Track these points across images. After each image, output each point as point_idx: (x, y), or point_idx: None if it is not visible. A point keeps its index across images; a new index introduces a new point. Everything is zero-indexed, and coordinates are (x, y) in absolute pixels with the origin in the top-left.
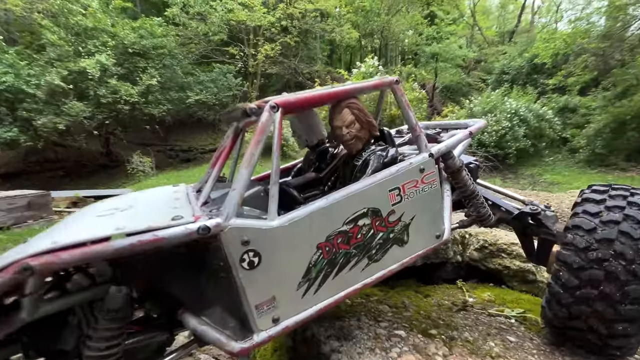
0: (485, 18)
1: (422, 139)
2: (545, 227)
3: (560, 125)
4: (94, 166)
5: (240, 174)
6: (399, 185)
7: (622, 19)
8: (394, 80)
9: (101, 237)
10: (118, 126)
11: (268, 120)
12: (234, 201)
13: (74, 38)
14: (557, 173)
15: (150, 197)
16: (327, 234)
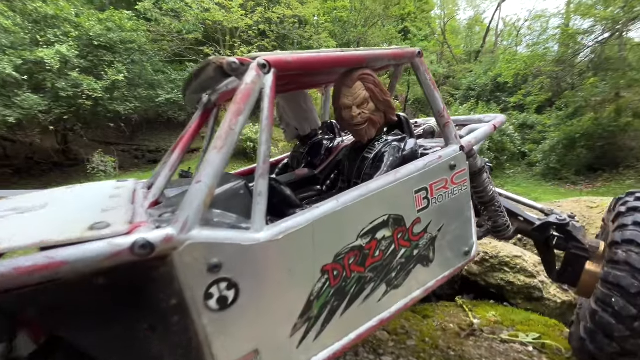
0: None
1: (451, 127)
2: (575, 240)
3: (520, 141)
4: (48, 164)
5: (209, 160)
6: (426, 185)
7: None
8: (417, 52)
9: None
10: (78, 122)
11: (255, 82)
12: (197, 201)
13: (31, 25)
14: (517, 185)
15: (79, 194)
16: (336, 251)
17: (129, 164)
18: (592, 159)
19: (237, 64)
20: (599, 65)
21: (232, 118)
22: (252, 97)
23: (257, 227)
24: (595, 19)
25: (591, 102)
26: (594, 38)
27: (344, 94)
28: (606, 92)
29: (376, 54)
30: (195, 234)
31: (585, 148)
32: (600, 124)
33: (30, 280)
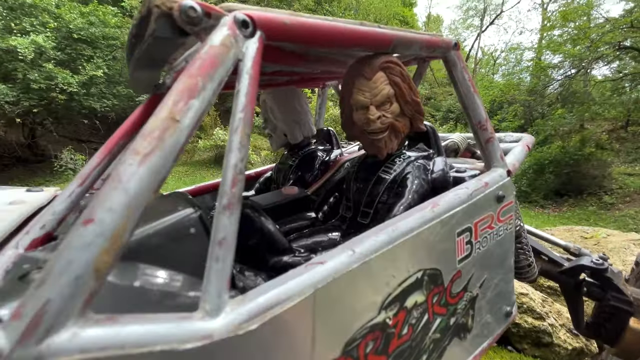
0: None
1: (496, 144)
2: (616, 290)
3: None
4: (10, 158)
5: (119, 176)
6: (470, 225)
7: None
8: (453, 43)
9: None
10: (49, 116)
11: (227, 46)
12: (72, 274)
13: (5, 12)
14: None
15: None
16: (347, 337)
17: None
18: (559, 184)
19: (199, 13)
20: (567, 97)
21: (178, 100)
22: (220, 69)
23: (210, 306)
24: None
25: (559, 131)
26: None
27: (359, 88)
28: (572, 123)
29: (407, 37)
30: (65, 339)
31: (553, 174)
32: (567, 152)
33: None
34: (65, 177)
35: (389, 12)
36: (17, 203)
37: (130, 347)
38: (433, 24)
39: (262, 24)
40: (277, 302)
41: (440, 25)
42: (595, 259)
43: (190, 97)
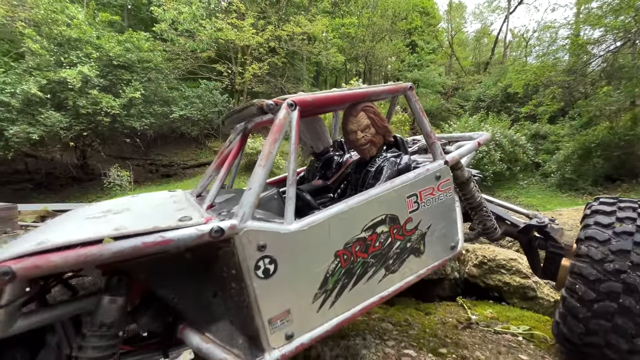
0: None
1: (437, 146)
2: (552, 240)
3: (532, 151)
4: (66, 179)
5: (256, 173)
6: (416, 192)
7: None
8: (408, 87)
9: (97, 237)
10: (96, 138)
11: (285, 117)
12: (250, 201)
13: (56, 48)
14: (532, 196)
15: (147, 201)
16: (345, 240)
17: (143, 178)
18: (610, 168)
19: (273, 105)
20: (612, 74)
21: (271, 144)
22: (284, 128)
23: (289, 221)
24: (605, 28)
25: (605, 111)
26: (605, 47)
27: (350, 121)
28: (621, 101)
29: (375, 91)
30: (250, 224)
31: (602, 158)
32: (616, 133)
33: (151, 250)
34: (113, 192)
35: (408, 5)
36: (176, 196)
37: (264, 228)
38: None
39: (299, 103)
40: (313, 221)
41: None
42: (539, 220)
43: (274, 143)
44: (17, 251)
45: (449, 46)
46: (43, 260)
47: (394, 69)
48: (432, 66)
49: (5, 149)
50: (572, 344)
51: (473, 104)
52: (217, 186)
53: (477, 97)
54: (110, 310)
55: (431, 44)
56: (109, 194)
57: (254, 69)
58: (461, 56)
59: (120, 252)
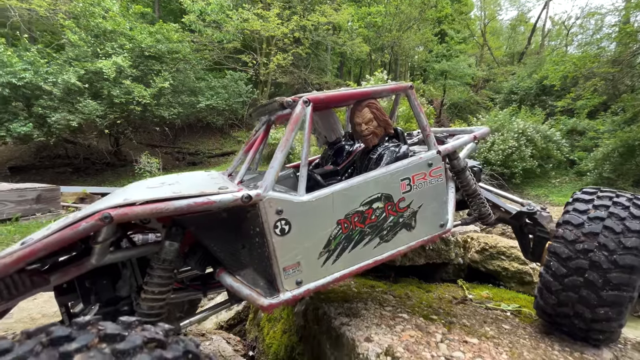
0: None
1: (431, 137)
2: (540, 225)
3: (567, 147)
4: (101, 164)
5: (276, 156)
6: (409, 176)
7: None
8: (408, 86)
9: (164, 197)
10: (129, 126)
11: (301, 112)
12: (271, 177)
13: (93, 39)
14: (564, 195)
15: (191, 177)
16: (346, 212)
17: (170, 165)
18: None
19: (291, 101)
20: None
21: (289, 134)
22: (299, 121)
23: (301, 193)
24: None
25: None
26: None
27: (356, 115)
28: None
29: (379, 90)
30: (271, 194)
31: None
32: None
33: (200, 208)
34: (144, 178)
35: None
36: (213, 174)
37: (282, 198)
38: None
39: (312, 100)
40: (320, 195)
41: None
42: (529, 207)
43: (291, 132)
44: (111, 204)
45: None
46: (129, 210)
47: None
48: (462, 56)
49: (48, 134)
50: (548, 315)
51: (504, 96)
52: (245, 167)
53: (509, 90)
54: (170, 251)
55: (462, 33)
56: (140, 179)
57: (278, 60)
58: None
59: (180, 208)
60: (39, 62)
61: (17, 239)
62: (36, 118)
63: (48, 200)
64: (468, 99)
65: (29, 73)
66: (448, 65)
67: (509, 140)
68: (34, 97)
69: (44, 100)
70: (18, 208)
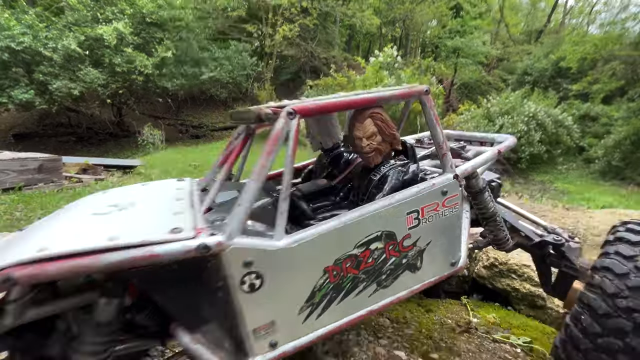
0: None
1: (448, 158)
2: (567, 260)
3: (578, 133)
4: (104, 134)
5: (248, 188)
6: (418, 208)
7: None
8: (424, 90)
9: (92, 248)
10: (131, 97)
11: (283, 128)
12: (238, 218)
13: (92, 3)
14: (569, 182)
15: (152, 194)
16: (336, 257)
17: (174, 138)
18: None
19: (271, 114)
20: None
21: (265, 157)
22: (281, 139)
23: (278, 236)
24: None
25: None
26: None
27: (356, 127)
28: None
29: (386, 95)
30: (236, 241)
31: None
32: None
33: (140, 263)
34: (146, 150)
35: None
36: (181, 189)
37: (251, 246)
38: None
39: (299, 111)
40: (303, 238)
41: None
42: (556, 237)
43: (269, 155)
44: (18, 258)
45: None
46: (40, 270)
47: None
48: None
49: (49, 102)
50: None
51: (518, 77)
52: (216, 187)
53: (524, 70)
54: (105, 311)
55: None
56: (142, 150)
57: (284, 31)
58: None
59: (111, 264)
60: (37, 26)
61: (20, 209)
62: (37, 85)
63: (50, 171)
64: (479, 79)
65: (27, 37)
66: (461, 42)
67: (518, 124)
68: (35, 63)
69: (45, 67)
70: (21, 177)
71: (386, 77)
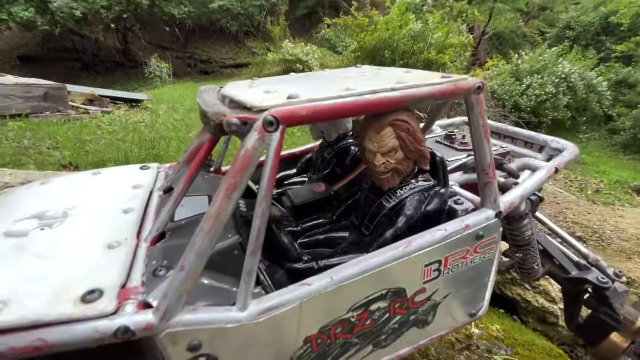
0: None
1: (493, 189)
2: (609, 307)
3: (610, 101)
4: (111, 63)
5: (195, 245)
6: (441, 258)
7: None
8: (474, 86)
9: None
10: (136, 22)
11: (256, 148)
12: (178, 289)
13: None
14: (587, 152)
15: (98, 195)
16: (322, 324)
17: (181, 72)
18: None
19: (239, 124)
20: None
21: (224, 197)
22: (252, 164)
23: (241, 305)
24: None
25: None
26: None
27: (369, 138)
28: None
29: (419, 95)
30: (176, 320)
31: None
32: None
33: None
34: (154, 83)
35: None
36: (138, 187)
37: (200, 324)
38: None
39: (284, 119)
40: (277, 306)
41: None
42: (601, 277)
43: (232, 191)
44: None
45: None
46: None
47: None
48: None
49: (51, 23)
50: None
51: (558, 31)
52: (179, 193)
53: (566, 24)
54: None
55: None
56: (150, 84)
57: None
58: None
59: None
60: None
61: (28, 137)
62: (37, 2)
63: (56, 99)
64: (515, 29)
65: None
66: None
67: (547, 85)
68: None
69: None
70: (26, 104)
71: (412, 20)
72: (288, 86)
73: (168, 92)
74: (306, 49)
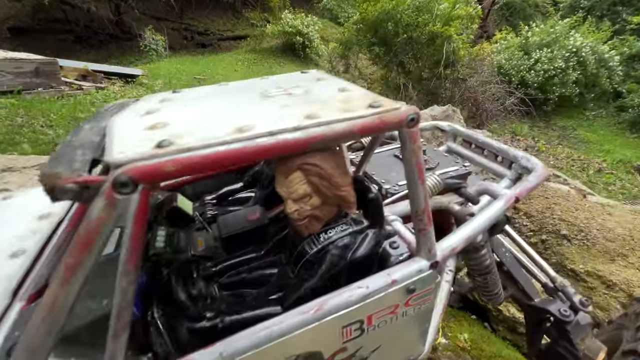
0: None
1: (428, 235)
2: (569, 342)
3: (621, 77)
4: (104, 35)
5: (25, 339)
6: (362, 318)
7: None
8: (407, 119)
9: None
10: None
11: (103, 218)
12: None
13: None
14: (593, 130)
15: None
16: None
17: (178, 45)
18: None
19: (75, 190)
20: None
21: (63, 282)
22: (100, 238)
23: None
24: None
25: None
26: None
27: (278, 182)
28: None
29: (331, 135)
30: None
31: None
32: None
33: None
34: (149, 57)
35: None
36: (45, 217)
37: None
38: None
39: (142, 177)
40: None
41: None
42: (564, 309)
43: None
44: None
45: None
46: None
47: None
48: None
49: None
50: None
51: (571, 1)
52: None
53: None
54: None
55: None
56: (145, 57)
57: None
58: None
59: None
60: None
61: (21, 114)
62: None
63: (48, 75)
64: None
65: None
66: None
67: (556, 59)
68: None
69: None
70: (18, 80)
71: None
72: (188, 115)
73: (164, 66)
74: (307, 20)
